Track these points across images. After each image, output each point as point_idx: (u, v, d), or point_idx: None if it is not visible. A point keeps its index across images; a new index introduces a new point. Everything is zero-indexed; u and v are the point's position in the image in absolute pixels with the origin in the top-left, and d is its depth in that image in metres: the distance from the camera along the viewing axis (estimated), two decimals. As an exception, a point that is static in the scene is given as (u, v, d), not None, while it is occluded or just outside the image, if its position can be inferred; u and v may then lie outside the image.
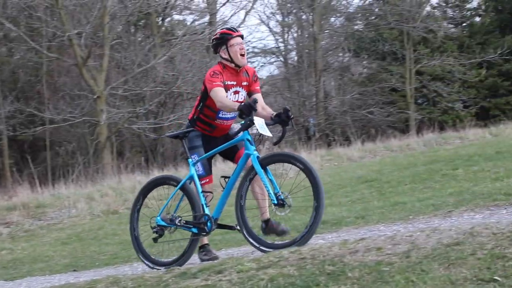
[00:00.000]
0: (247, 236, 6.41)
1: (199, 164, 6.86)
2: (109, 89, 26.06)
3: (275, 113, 6.59)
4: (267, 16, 38.63)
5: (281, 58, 38.09)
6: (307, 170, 6.12)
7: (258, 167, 6.31)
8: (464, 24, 39.13)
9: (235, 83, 6.77)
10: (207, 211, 6.68)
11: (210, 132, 6.93)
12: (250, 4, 33.85)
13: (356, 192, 11.63)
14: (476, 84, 35.42)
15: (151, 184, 7.23)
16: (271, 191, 6.25)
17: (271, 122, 6.56)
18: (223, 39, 6.81)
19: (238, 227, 6.56)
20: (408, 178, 12.09)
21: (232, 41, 6.78)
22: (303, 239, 6.07)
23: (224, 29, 7.02)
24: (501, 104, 35.63)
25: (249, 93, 6.90)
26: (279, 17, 38.03)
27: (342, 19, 37.30)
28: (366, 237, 5.72)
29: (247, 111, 6.30)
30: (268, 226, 6.82)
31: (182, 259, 6.72)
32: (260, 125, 6.36)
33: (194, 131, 6.95)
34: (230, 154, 6.96)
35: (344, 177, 14.29)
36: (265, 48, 37.67)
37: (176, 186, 6.88)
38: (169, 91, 27.40)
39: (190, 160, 6.86)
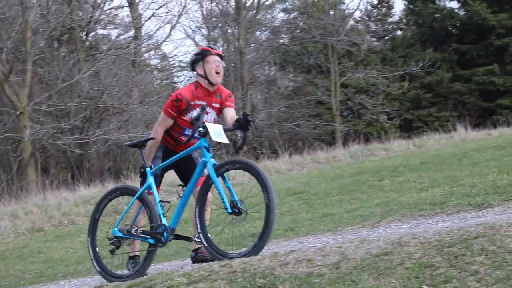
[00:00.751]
0: (206, 245, 6.28)
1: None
2: (33, 105, 25.50)
3: (236, 118, 6.55)
4: (192, 30, 38.75)
5: (208, 72, 38.01)
6: (260, 180, 6.05)
7: (213, 175, 6.22)
8: (387, 37, 40.01)
9: (205, 103, 6.65)
10: (164, 221, 6.55)
11: (173, 147, 6.88)
12: (176, 19, 33.81)
13: (284, 205, 11.66)
14: (399, 96, 36.19)
15: (108, 195, 7.02)
16: (225, 199, 6.14)
17: (231, 127, 6.52)
18: (201, 55, 6.80)
19: (196, 238, 6.44)
20: (336, 190, 12.21)
21: (210, 58, 6.76)
22: (255, 249, 5.97)
23: (204, 46, 7.12)
24: (423, 116, 36.49)
25: (221, 110, 6.88)
26: (204, 31, 38.09)
27: (268, 33, 37.63)
28: (296, 249, 5.73)
29: (195, 118, 6.32)
30: (197, 253, 6.85)
31: (138, 271, 6.52)
32: (215, 131, 6.32)
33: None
34: (185, 175, 6.91)
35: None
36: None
37: (133, 196, 6.73)
38: (94, 106, 27.00)
39: (148, 169, 6.74)
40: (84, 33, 31.52)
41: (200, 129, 6.30)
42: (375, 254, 4.81)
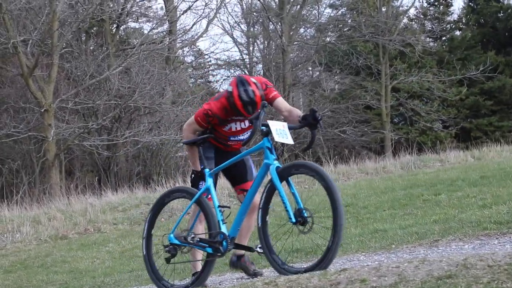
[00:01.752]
0: (271, 258, 6.19)
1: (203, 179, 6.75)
2: (58, 102, 25.81)
3: (302, 115, 6.40)
4: (231, 26, 38.81)
5: (246, 71, 38.20)
6: (328, 189, 5.98)
7: (276, 179, 6.11)
8: (444, 38, 39.72)
9: (242, 117, 6.63)
10: (223, 228, 6.45)
11: (225, 147, 6.90)
12: (213, 13, 33.96)
13: (330, 218, 11.59)
14: (456, 103, 35.89)
15: (164, 198, 6.99)
16: (289, 207, 6.03)
17: (297, 125, 6.40)
18: (232, 109, 6.54)
19: (258, 248, 6.33)
20: (387, 204, 12.11)
21: (240, 116, 6.62)
22: (322, 264, 5.93)
23: (240, 103, 6.47)
24: (483, 125, 36.13)
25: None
26: (244, 27, 38.26)
27: (313, 30, 37.66)
28: (347, 267, 5.67)
29: (255, 115, 6.22)
30: (239, 260, 6.83)
31: (196, 282, 6.50)
32: (278, 130, 6.18)
33: (207, 142, 6.86)
34: (237, 179, 6.96)
35: (317, 202, 14.27)
36: (229, 60, 37.81)
37: (190, 199, 6.67)
38: (124, 105, 27.24)
39: (207, 170, 6.68)
40: (115, 26, 31.85)
41: (263, 127, 6.18)
42: (437, 276, 4.73)
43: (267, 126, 6.17)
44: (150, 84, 27.52)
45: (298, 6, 35.57)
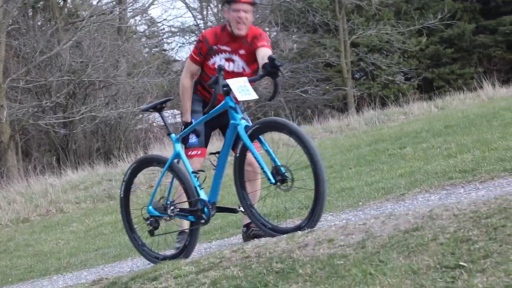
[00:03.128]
0: (253, 217, 6.17)
1: (192, 132, 6.76)
2: (9, 82, 25.45)
3: (261, 65, 6.33)
4: (183, -10, 38.44)
5: (202, 36, 37.97)
6: (303, 143, 5.89)
7: (246, 139, 6.04)
8: (400, -12, 39.73)
9: (229, 48, 6.78)
10: (202, 195, 6.40)
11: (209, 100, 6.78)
12: (163, -22, 33.63)
13: (296, 181, 11.66)
14: (416, 53, 36.09)
15: (135, 167, 6.92)
16: (265, 168, 6.01)
17: (257, 77, 6.36)
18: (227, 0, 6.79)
19: (241, 209, 6.33)
20: (353, 161, 12.20)
21: (235, 6, 6.73)
22: (308, 225, 5.85)
23: None
24: (445, 74, 36.37)
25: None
26: (196, -10, 37.94)
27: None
28: (315, 228, 5.73)
29: (213, 81, 6.13)
30: (249, 229, 6.80)
31: (184, 253, 6.44)
32: (239, 87, 6.09)
33: (195, 95, 6.98)
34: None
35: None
36: (183, 26, 37.59)
37: (163, 167, 6.61)
38: (78, 80, 26.94)
39: (173, 135, 6.68)
40: (62, -1, 31.39)
41: (223, 89, 6.09)
42: (404, 230, 4.80)
43: (227, 85, 6.08)
44: (103, 57, 27.28)
45: (250, -34, 35.31)
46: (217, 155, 6.43)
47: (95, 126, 27.93)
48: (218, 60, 6.75)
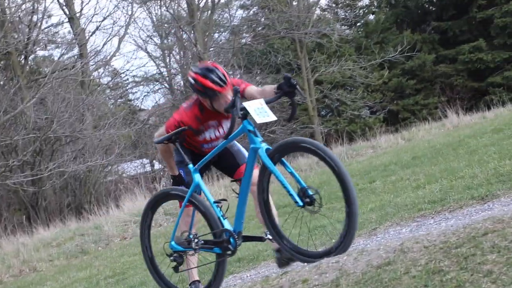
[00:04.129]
0: (282, 244, 5.95)
1: (183, 176, 6.53)
2: (-26, 143, 25.32)
3: (276, 86, 6.05)
4: (143, 41, 38.71)
5: (166, 85, 38.13)
6: (333, 164, 5.59)
7: (268, 162, 5.76)
8: (359, 24, 40.29)
9: (215, 123, 6.50)
10: (226, 225, 6.16)
11: (199, 153, 6.60)
12: (123, 30, 33.78)
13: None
14: (380, 87, 36.45)
15: (153, 203, 6.67)
16: (291, 191, 5.73)
17: (274, 97, 6.02)
18: (209, 94, 6.24)
19: (269, 236, 6.15)
20: (324, 199, 12.19)
21: (220, 98, 6.25)
22: (339, 250, 5.65)
23: (209, 82, 6.21)
24: (409, 105, 36.76)
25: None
26: (157, 40, 38.12)
27: (227, 34, 37.73)
28: (289, 270, 5.73)
29: (230, 105, 5.83)
30: (282, 254, 6.47)
31: (212, 286, 6.25)
32: (256, 109, 5.80)
33: (182, 147, 6.52)
34: (229, 168, 6.71)
35: (253, 207, 14.35)
36: (146, 75, 37.65)
37: (183, 200, 6.36)
38: (44, 136, 26.81)
39: (190, 166, 6.36)
40: (23, 56, 31.32)
41: (239, 112, 5.78)
42: (377, 265, 4.82)
43: (244, 109, 5.79)
44: (68, 111, 27.17)
45: (209, 12, 35.62)
46: (238, 182, 6.21)
47: (64, 181, 27.74)
48: (207, 134, 6.49)
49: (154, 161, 36.15)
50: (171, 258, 6.44)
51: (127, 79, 37.98)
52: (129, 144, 32.97)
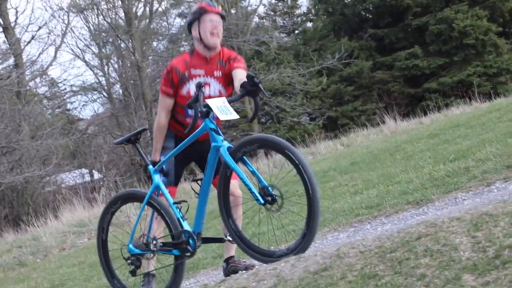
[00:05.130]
0: (242, 245, 5.87)
1: (164, 169, 6.35)
2: None
3: (240, 84, 5.90)
4: (81, 50, 38.28)
5: (105, 94, 37.83)
6: (293, 158, 5.53)
7: (230, 161, 5.66)
8: (297, 31, 40.58)
9: (202, 72, 6.38)
10: (186, 226, 6.03)
11: (183, 134, 6.31)
12: (59, 39, 33.41)
13: (210, 229, 11.66)
14: (319, 93, 36.73)
15: (109, 207, 6.47)
16: (253, 189, 5.68)
17: (237, 97, 5.97)
18: (197, 14, 6.40)
19: (229, 237, 6.04)
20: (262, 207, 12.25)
21: (206, 17, 6.38)
22: (299, 248, 5.61)
23: (203, 3, 6.47)
24: (348, 111, 37.12)
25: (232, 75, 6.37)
26: (95, 49, 37.82)
27: (166, 42, 37.60)
28: (226, 278, 5.74)
29: (193, 100, 5.69)
30: (229, 265, 6.50)
31: None
32: (219, 107, 5.70)
33: (168, 130, 6.57)
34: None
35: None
36: (84, 85, 37.31)
37: (141, 202, 6.22)
38: (-21, 148, 26.42)
39: (150, 167, 6.30)
40: (-43, 67, 30.80)
41: (202, 108, 5.66)
42: (314, 271, 4.85)
43: (206, 105, 5.68)
44: (3, 122, 26.78)
45: (147, 20, 35.49)
46: (199, 182, 6.07)
47: (1, 192, 27.32)
48: (192, 87, 6.33)
49: (93, 170, 35.83)
50: (129, 261, 6.31)
51: (65, 88, 37.59)
52: (68, 154, 32.61)
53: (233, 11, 36.33)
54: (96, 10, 35.48)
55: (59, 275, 11.95)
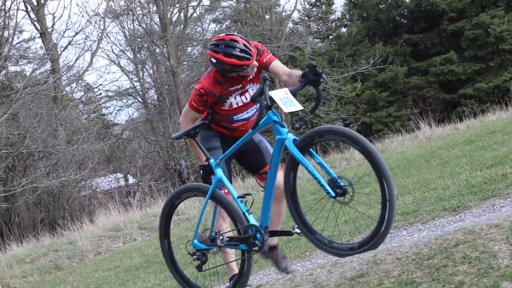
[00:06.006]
0: (311, 237, 5.82)
1: (211, 173, 6.23)
2: None
3: (301, 73, 5.81)
4: (116, 55, 38.57)
5: (139, 99, 38.05)
6: (365, 152, 5.41)
7: (297, 153, 5.57)
8: (331, 37, 40.51)
9: (239, 86, 6.25)
10: (252, 220, 5.94)
11: (230, 134, 6.41)
12: (96, 44, 33.69)
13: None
14: (353, 99, 36.63)
15: (172, 200, 6.41)
16: (322, 181, 5.55)
17: (299, 86, 5.79)
18: (235, 71, 6.11)
19: (297, 229, 5.93)
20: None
21: (248, 69, 6.13)
22: (373, 244, 5.61)
23: (235, 60, 6.04)
24: (382, 117, 36.97)
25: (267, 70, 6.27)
26: (130, 54, 38.08)
27: (201, 47, 37.73)
28: (264, 282, 5.75)
29: (257, 93, 5.63)
30: (272, 251, 6.45)
31: (238, 284, 6.03)
32: (282, 99, 5.61)
33: (210, 132, 6.47)
34: (254, 165, 6.50)
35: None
36: (119, 90, 37.58)
37: (204, 197, 6.12)
38: (16, 152, 26.67)
39: (212, 160, 6.15)
40: (-6, 72, 31.18)
41: (268, 102, 5.58)
42: (350, 277, 4.84)
43: (270, 98, 5.60)
44: (40, 127, 27.05)
45: (182, 26, 35.63)
46: (265, 175, 6.02)
47: (37, 197, 27.59)
48: (233, 100, 6.25)
49: (128, 175, 36.05)
50: (194, 257, 6.22)
51: (100, 93, 37.88)
52: (103, 158, 32.84)
53: (267, 16, 36.36)
54: (131, 16, 35.74)
55: (94, 279, 12.04)
